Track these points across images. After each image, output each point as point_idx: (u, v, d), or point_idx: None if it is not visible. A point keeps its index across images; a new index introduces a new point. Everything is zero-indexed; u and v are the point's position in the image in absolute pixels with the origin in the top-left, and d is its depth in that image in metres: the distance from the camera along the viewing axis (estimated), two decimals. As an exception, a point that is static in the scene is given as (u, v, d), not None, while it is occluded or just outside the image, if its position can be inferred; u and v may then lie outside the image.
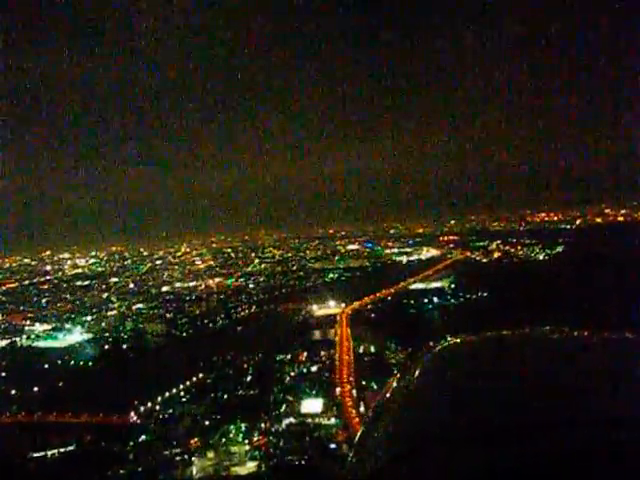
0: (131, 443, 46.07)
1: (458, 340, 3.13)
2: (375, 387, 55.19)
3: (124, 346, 79.07)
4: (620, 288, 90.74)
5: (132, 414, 52.51)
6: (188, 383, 60.74)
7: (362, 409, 49.86)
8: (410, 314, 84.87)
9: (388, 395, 2.62)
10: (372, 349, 68.28)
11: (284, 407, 52.04)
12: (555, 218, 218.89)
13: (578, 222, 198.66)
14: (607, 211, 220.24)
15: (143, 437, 47.35)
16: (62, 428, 49.00)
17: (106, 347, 78.66)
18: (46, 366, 71.13)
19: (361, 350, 68.35)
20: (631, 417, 2.01)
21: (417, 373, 2.84)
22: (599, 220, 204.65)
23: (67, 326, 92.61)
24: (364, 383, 56.10)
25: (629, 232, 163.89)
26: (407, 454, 2.01)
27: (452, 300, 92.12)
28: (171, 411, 53.46)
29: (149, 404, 54.81)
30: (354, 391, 54.41)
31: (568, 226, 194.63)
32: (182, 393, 58.31)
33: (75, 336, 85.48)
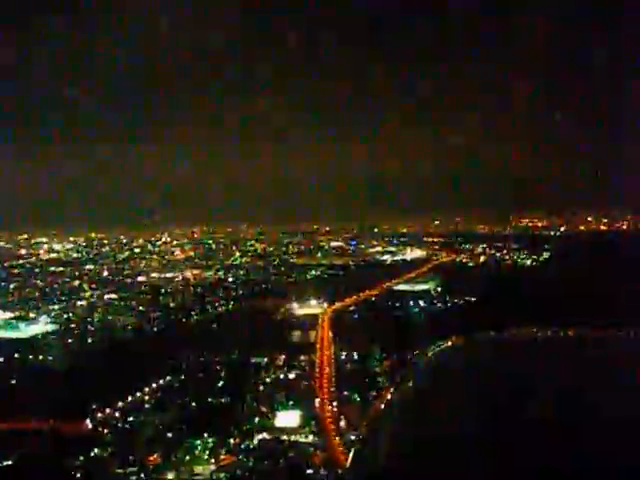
0: (81, 457, 39.86)
1: (457, 341, 2.15)
2: (358, 399, 49.71)
3: (89, 340, 72.52)
4: (608, 296, 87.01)
5: (88, 421, 46.25)
6: (155, 386, 54.66)
7: (342, 424, 44.31)
8: (395, 318, 79.59)
9: (388, 398, 1.97)
10: (355, 355, 62.63)
11: (257, 419, 46.20)
12: (539, 224, 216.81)
13: (563, 229, 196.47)
14: (589, 219, 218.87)
15: (96, 450, 41.16)
16: (5, 436, 42.64)
17: (70, 340, 72.02)
18: (0, 360, 64.48)
19: (343, 356, 62.73)
20: (631, 416, 1.75)
21: (416, 374, 2.03)
22: (582, 228, 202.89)
23: (32, 315, 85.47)
24: (346, 394, 50.57)
25: (612, 240, 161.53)
26: (407, 455, 1.79)
27: (439, 304, 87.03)
28: (132, 419, 47.30)
29: (108, 409, 48.58)
30: (335, 403, 48.74)
31: (552, 232, 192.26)
32: (147, 397, 52.17)
33: (38, 327, 78.58)
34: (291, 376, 56.45)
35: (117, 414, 48.34)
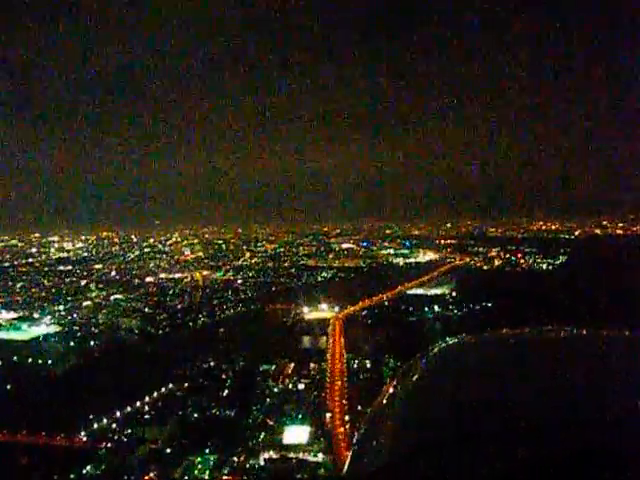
0: (72, 476, 36.26)
1: (457, 340, 3.14)
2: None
3: (91, 343, 68.91)
4: (633, 300, 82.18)
5: (82, 434, 42.61)
6: (156, 394, 50.91)
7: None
8: (409, 323, 75.25)
9: (388, 395, 2.61)
10: (368, 364, 58.51)
11: (263, 435, 42.31)
12: (552, 227, 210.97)
13: (577, 233, 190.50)
14: (605, 223, 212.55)
15: (88, 468, 37.50)
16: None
17: (71, 344, 68.45)
18: (-1, 363, 61.12)
19: (355, 364, 58.62)
20: (631, 416, 2.01)
21: (417, 373, 2.77)
22: (598, 232, 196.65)
23: (35, 316, 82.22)
24: (360, 408, 46.44)
25: (630, 244, 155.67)
26: (407, 454, 2.06)
27: (455, 310, 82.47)
28: (129, 431, 43.56)
29: (105, 420, 44.96)
30: (347, 417, 44.74)
31: (567, 236, 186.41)
32: (146, 407, 48.43)
33: (41, 328, 75.23)
34: (300, 386, 52.33)
35: (114, 426, 44.76)
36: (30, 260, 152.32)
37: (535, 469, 1.81)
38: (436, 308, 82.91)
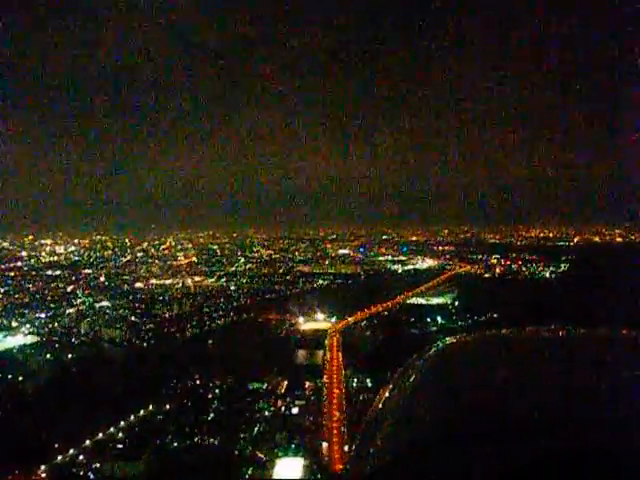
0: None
1: (454, 340, 3.02)
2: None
3: (69, 356, 62.55)
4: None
5: (42, 468, 36.37)
6: (133, 418, 44.73)
7: None
8: (412, 336, 69.17)
9: (387, 395, 2.46)
10: (368, 382, 52.36)
11: (251, 470, 36.16)
12: (550, 234, 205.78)
13: (576, 240, 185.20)
14: (603, 230, 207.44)
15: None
16: None
17: (48, 356, 62.08)
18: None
19: (355, 382, 52.52)
20: (629, 416, 1.93)
21: (414, 373, 2.69)
22: (596, 239, 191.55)
23: (14, 324, 75.88)
24: (359, 435, 40.33)
25: (630, 252, 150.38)
26: (405, 454, 2.06)
27: (460, 322, 76.32)
28: (98, 466, 37.31)
29: (71, 451, 38.71)
30: (346, 448, 38.65)
31: (565, 243, 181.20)
32: (120, 434, 42.20)
33: (17, 338, 68.82)
34: (294, 410, 46.12)
35: (81, 457, 38.48)
36: (19, 264, 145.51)
37: (532, 468, 1.80)
38: (439, 319, 76.89)
